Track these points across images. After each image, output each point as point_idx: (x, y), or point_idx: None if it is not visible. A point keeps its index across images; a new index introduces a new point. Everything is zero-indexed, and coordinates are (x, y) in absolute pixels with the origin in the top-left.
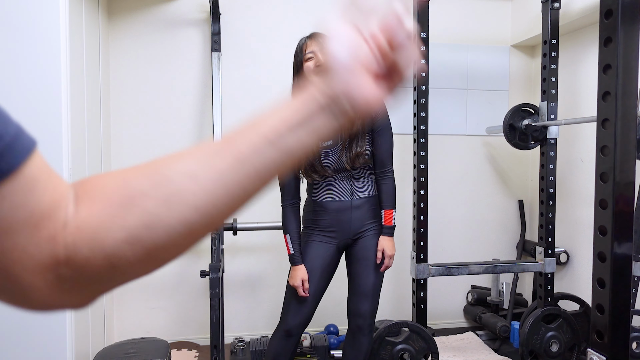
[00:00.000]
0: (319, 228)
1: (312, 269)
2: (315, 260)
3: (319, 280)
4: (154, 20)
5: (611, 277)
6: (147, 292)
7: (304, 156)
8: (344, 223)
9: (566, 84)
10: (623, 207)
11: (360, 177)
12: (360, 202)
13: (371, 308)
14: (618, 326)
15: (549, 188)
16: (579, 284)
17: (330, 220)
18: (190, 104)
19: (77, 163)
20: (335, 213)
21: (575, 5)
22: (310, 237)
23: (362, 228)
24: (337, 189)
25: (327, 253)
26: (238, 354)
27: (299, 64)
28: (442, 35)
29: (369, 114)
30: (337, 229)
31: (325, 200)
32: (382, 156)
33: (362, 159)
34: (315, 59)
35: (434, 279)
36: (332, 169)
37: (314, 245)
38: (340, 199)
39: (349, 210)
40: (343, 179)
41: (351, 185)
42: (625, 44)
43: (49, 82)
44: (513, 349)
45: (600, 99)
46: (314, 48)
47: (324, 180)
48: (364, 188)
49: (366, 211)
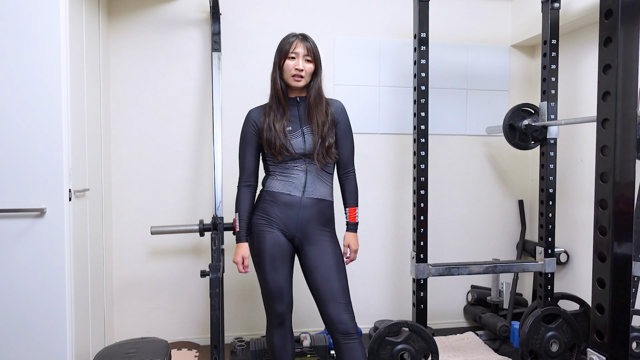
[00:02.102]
0: (268, 218)
1: (274, 256)
2: (275, 248)
3: (284, 266)
4: (154, 20)
5: (611, 277)
6: (147, 292)
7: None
8: (291, 218)
9: (566, 84)
10: (623, 207)
11: (315, 177)
12: (310, 202)
13: (343, 308)
14: (618, 326)
15: (549, 188)
16: (579, 284)
17: (278, 212)
18: (190, 104)
19: (77, 163)
20: (283, 206)
21: (575, 5)
22: (262, 227)
23: (311, 232)
24: (290, 182)
25: (281, 240)
26: (238, 354)
27: (281, 58)
28: (442, 35)
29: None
30: (285, 221)
31: (277, 192)
32: (347, 157)
33: (334, 153)
34: (296, 60)
35: (434, 279)
36: (297, 152)
37: (267, 236)
38: (290, 193)
39: (297, 207)
40: (300, 170)
41: (305, 181)
42: (625, 44)
43: (49, 82)
44: (513, 349)
45: (600, 99)
46: (299, 50)
47: (284, 167)
48: (317, 189)
49: (314, 214)
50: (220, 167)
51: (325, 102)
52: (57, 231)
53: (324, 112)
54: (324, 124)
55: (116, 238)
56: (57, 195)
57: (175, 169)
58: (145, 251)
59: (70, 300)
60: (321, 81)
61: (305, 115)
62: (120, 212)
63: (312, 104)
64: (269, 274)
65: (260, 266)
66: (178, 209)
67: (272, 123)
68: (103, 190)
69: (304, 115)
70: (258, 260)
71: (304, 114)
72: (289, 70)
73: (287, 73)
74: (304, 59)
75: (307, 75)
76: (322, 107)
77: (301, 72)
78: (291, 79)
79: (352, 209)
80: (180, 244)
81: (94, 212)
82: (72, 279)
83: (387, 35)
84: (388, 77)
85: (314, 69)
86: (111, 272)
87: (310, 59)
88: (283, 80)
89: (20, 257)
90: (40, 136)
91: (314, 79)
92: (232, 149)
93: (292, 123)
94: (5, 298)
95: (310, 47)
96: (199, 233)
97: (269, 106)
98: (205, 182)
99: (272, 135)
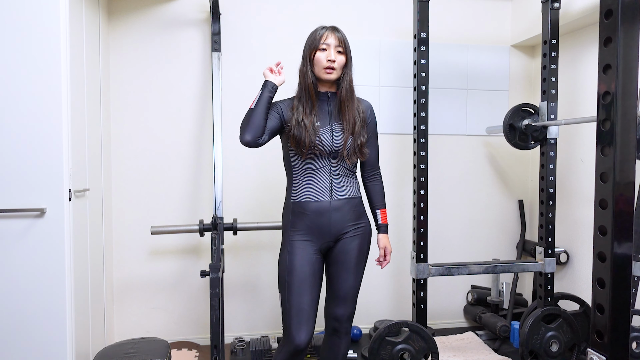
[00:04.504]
0: (299, 232)
1: (304, 279)
2: (305, 268)
3: (312, 289)
4: (154, 20)
5: (611, 277)
6: (147, 292)
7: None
8: (323, 227)
9: (566, 84)
10: (623, 207)
11: (341, 177)
12: (340, 203)
13: (348, 312)
14: (618, 326)
15: (549, 188)
16: (579, 284)
17: (309, 223)
18: (190, 104)
19: (77, 163)
20: (314, 215)
21: (575, 5)
22: (293, 245)
23: (343, 230)
24: (316, 187)
25: (312, 258)
26: (238, 354)
27: (312, 50)
28: (442, 35)
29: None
30: (317, 233)
31: (304, 201)
32: (374, 158)
33: (366, 152)
34: (328, 52)
35: (434, 279)
36: (326, 150)
37: (298, 253)
38: (318, 199)
39: (328, 213)
40: (324, 173)
41: (331, 183)
42: (625, 44)
43: (49, 82)
44: (513, 349)
45: (600, 99)
46: (331, 41)
47: (308, 170)
48: (344, 188)
49: (346, 213)
50: (220, 167)
51: (357, 99)
52: (57, 231)
53: (355, 108)
54: (356, 121)
55: (116, 238)
56: (57, 195)
57: (175, 169)
58: (145, 251)
59: (70, 300)
60: (352, 75)
61: (335, 111)
62: (120, 212)
63: (344, 99)
64: (294, 294)
65: (288, 284)
66: (178, 209)
67: (301, 118)
68: (103, 190)
69: (334, 110)
70: (286, 278)
71: (334, 109)
72: (320, 63)
73: (319, 65)
74: (336, 50)
75: (339, 68)
76: (354, 103)
77: (333, 63)
78: (322, 72)
79: (384, 210)
80: (180, 244)
81: (94, 212)
82: (72, 279)
83: (387, 35)
84: (388, 77)
85: (345, 61)
86: (111, 272)
87: (342, 50)
88: (314, 74)
89: (20, 257)
90: (40, 136)
91: (346, 72)
92: (232, 149)
93: (321, 119)
94: (5, 298)
95: (342, 38)
96: (199, 233)
97: (297, 99)
98: (205, 182)
99: (301, 132)
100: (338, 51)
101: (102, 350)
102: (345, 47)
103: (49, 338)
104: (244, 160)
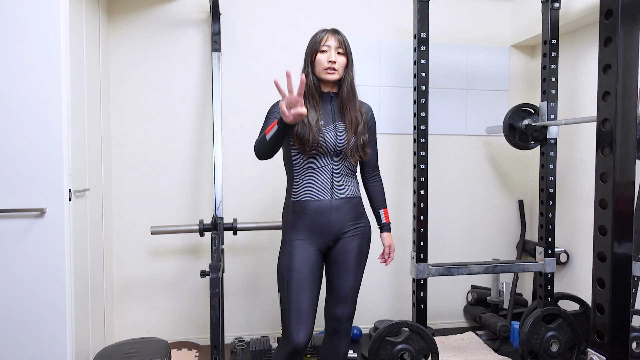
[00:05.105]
0: (299, 232)
1: (303, 278)
2: (305, 267)
3: (311, 288)
4: (154, 20)
5: (611, 277)
6: (147, 292)
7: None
8: (323, 226)
9: (566, 84)
10: (623, 207)
11: (342, 176)
12: (340, 202)
13: (348, 312)
14: (618, 326)
15: (549, 188)
16: (579, 284)
17: (309, 223)
18: (190, 104)
19: (77, 163)
20: (314, 214)
21: (575, 5)
22: (293, 244)
23: (343, 230)
24: (317, 185)
25: (312, 258)
26: (238, 354)
27: (313, 52)
28: (442, 35)
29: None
30: (317, 232)
31: (305, 200)
32: (374, 160)
33: (368, 152)
34: (328, 53)
35: (434, 279)
36: (329, 148)
37: (298, 252)
38: (319, 198)
39: (328, 212)
40: (326, 171)
41: (332, 182)
42: (625, 44)
43: (49, 83)
44: (513, 349)
45: (600, 99)
46: (331, 43)
47: (310, 168)
48: (345, 188)
49: (346, 212)
50: (220, 167)
51: (358, 100)
52: (57, 231)
53: (357, 108)
54: (358, 121)
55: (116, 238)
56: (57, 195)
57: (175, 169)
58: (145, 251)
59: (70, 300)
60: (353, 75)
61: (338, 111)
62: (120, 212)
63: (345, 98)
64: (294, 294)
65: (287, 284)
66: (178, 209)
67: (305, 117)
68: (103, 190)
69: (336, 110)
70: (285, 277)
71: (336, 109)
72: (321, 64)
73: (320, 67)
74: (336, 51)
75: (340, 68)
76: (356, 103)
77: (334, 64)
78: (324, 72)
79: (386, 209)
80: (180, 244)
81: (94, 212)
82: (72, 279)
83: (387, 35)
84: (388, 77)
85: (346, 62)
86: (111, 272)
87: (342, 51)
88: (315, 75)
89: (20, 257)
90: (40, 136)
91: (347, 73)
92: (232, 148)
93: (325, 118)
94: (5, 298)
95: (342, 39)
96: (199, 233)
97: None
98: (205, 182)
99: (305, 130)
100: (338, 52)
101: (102, 350)
102: (346, 49)
103: (49, 338)
104: (244, 160)
